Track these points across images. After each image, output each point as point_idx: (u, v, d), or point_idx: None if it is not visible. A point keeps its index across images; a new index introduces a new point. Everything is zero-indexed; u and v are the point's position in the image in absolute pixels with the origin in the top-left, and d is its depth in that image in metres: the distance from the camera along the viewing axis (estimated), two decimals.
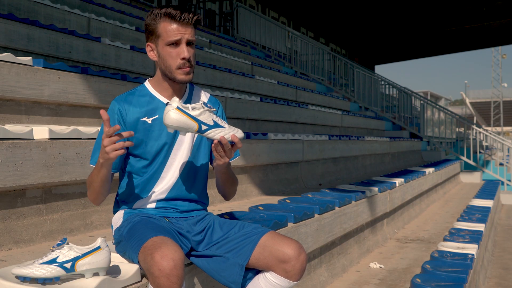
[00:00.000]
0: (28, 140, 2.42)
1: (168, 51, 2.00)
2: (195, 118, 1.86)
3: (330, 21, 20.11)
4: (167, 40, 1.99)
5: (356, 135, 8.79)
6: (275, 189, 4.95)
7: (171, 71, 2.01)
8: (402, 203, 5.86)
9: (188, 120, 1.86)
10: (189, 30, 1.99)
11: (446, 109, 16.29)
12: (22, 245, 2.37)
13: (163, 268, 1.66)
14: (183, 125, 1.86)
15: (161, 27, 2.00)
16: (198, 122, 1.87)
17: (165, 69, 2.03)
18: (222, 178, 2.12)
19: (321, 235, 3.47)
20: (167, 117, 1.85)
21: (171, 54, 1.99)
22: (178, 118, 1.85)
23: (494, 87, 57.31)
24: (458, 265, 3.48)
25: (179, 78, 2.01)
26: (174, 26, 1.98)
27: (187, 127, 1.86)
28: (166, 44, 1.99)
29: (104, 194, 2.04)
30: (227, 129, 1.91)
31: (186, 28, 1.99)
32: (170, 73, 2.02)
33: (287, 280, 1.96)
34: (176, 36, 1.98)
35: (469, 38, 23.67)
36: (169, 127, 1.87)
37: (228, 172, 2.11)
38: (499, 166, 12.60)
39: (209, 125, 1.88)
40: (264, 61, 10.95)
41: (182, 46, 1.99)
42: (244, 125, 5.92)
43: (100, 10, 6.52)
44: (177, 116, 1.85)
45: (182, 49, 1.98)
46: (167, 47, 2.00)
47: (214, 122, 1.89)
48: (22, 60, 3.15)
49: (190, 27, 2.00)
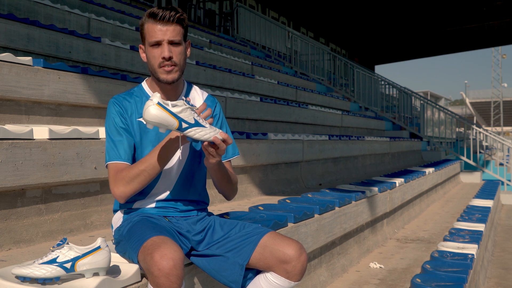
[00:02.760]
0: (28, 140, 2.42)
1: (152, 52, 2.00)
2: (176, 115, 1.80)
3: (330, 21, 20.11)
4: (149, 40, 1.99)
5: (356, 135, 8.79)
6: (275, 189, 4.94)
7: (155, 71, 2.01)
8: (402, 203, 5.86)
9: (168, 117, 1.80)
10: (171, 28, 1.97)
11: (446, 109, 16.29)
12: (22, 245, 2.37)
13: (162, 268, 1.65)
14: (163, 122, 1.80)
15: (146, 28, 2.00)
16: (178, 120, 1.81)
17: (151, 70, 2.03)
18: (216, 176, 2.10)
19: (321, 235, 3.47)
20: (146, 112, 1.79)
21: (154, 54, 1.99)
22: (158, 114, 1.79)
23: (494, 87, 57.34)
24: (458, 265, 3.48)
25: (161, 77, 2.00)
26: (156, 26, 1.97)
27: (167, 123, 1.80)
28: (150, 45, 1.99)
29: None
30: (208, 128, 1.85)
31: (167, 28, 1.96)
32: (155, 73, 2.02)
33: (287, 280, 1.96)
34: (158, 36, 1.96)
35: (469, 38, 23.67)
36: (149, 122, 1.81)
37: (221, 170, 2.08)
38: (499, 166, 12.60)
39: (190, 123, 1.82)
40: (264, 61, 10.95)
41: (163, 46, 1.97)
42: (244, 125, 5.92)
43: (100, 10, 6.52)
44: (157, 112, 1.79)
45: (163, 49, 1.97)
46: (150, 48, 2.00)
47: (195, 121, 1.84)
48: (22, 60, 3.15)
49: (172, 26, 1.97)
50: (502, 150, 14.74)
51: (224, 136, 1.87)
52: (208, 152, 1.90)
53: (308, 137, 5.82)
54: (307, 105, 8.07)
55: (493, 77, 56.97)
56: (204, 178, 2.19)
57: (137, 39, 6.22)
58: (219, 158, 1.94)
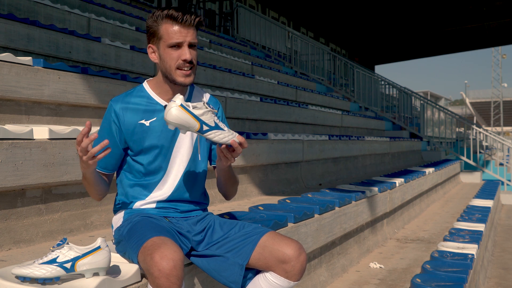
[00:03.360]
0: (28, 140, 2.42)
1: (169, 53, 1.99)
2: (198, 117, 1.84)
3: (330, 21, 20.11)
4: (169, 42, 1.98)
5: (356, 135, 8.79)
6: (275, 189, 4.94)
7: (171, 72, 2.00)
8: (402, 203, 5.86)
9: (190, 119, 1.83)
10: (191, 32, 1.98)
11: (446, 109, 16.29)
12: (22, 245, 2.37)
13: (162, 269, 1.66)
14: (185, 123, 1.83)
15: (163, 29, 1.99)
16: (200, 122, 1.84)
17: (166, 71, 2.02)
18: (224, 177, 2.12)
19: (321, 235, 3.47)
20: (169, 114, 1.82)
21: (172, 56, 1.99)
22: (181, 115, 1.82)
23: (494, 87, 57.31)
24: (458, 265, 3.48)
25: (179, 80, 2.00)
26: (176, 28, 1.97)
27: (188, 125, 1.84)
28: (168, 46, 1.98)
29: (102, 193, 2.06)
30: (226, 132, 1.89)
31: (188, 30, 1.98)
32: (170, 75, 2.01)
33: (287, 280, 1.96)
34: (178, 38, 1.97)
35: (469, 38, 23.67)
36: (170, 124, 1.84)
37: (230, 172, 2.11)
38: (499, 166, 12.61)
39: (211, 126, 1.86)
40: (264, 61, 10.95)
41: (184, 48, 1.98)
42: (244, 125, 5.92)
43: (100, 10, 6.52)
44: (179, 114, 1.82)
45: (184, 51, 1.98)
46: (168, 49, 1.99)
47: (215, 124, 1.87)
48: (22, 60, 3.15)
49: (192, 29, 1.99)
50: (502, 150, 14.75)
51: (241, 140, 1.90)
52: (223, 155, 1.93)
53: (308, 137, 5.82)
54: (307, 105, 8.07)
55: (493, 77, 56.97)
56: (204, 179, 2.20)
57: (137, 39, 6.22)
58: (233, 160, 1.96)
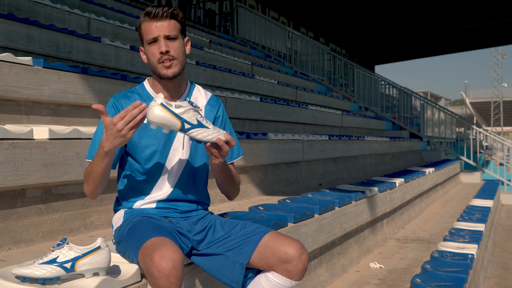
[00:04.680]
0: (28, 140, 2.42)
1: (150, 50, 2.01)
2: (178, 116, 1.84)
3: (330, 21, 20.12)
4: (147, 38, 2.00)
5: (356, 135, 8.79)
6: (275, 189, 4.94)
7: (156, 68, 2.02)
8: (402, 203, 5.86)
9: (171, 118, 1.83)
10: (165, 25, 1.98)
11: (446, 109, 16.29)
12: (22, 245, 2.37)
13: (162, 269, 1.65)
14: (166, 122, 1.84)
15: (142, 28, 2.02)
16: (181, 120, 1.84)
17: (152, 68, 2.04)
18: (220, 177, 2.11)
19: (321, 235, 3.47)
20: (150, 113, 1.83)
21: (152, 52, 2.00)
22: (162, 114, 1.83)
23: (494, 87, 57.33)
24: (458, 265, 3.48)
25: (162, 73, 2.01)
26: (152, 24, 1.99)
27: (170, 124, 1.84)
28: (147, 43, 2.01)
29: (103, 186, 2.00)
30: (211, 130, 1.88)
31: (162, 23, 1.98)
32: (156, 70, 2.03)
33: (288, 280, 1.96)
34: (153, 33, 1.98)
35: (469, 38, 23.69)
36: (152, 123, 1.85)
37: (225, 171, 2.09)
38: (499, 166, 12.60)
39: (192, 124, 1.86)
40: (264, 61, 10.95)
41: (160, 41, 1.99)
42: (244, 125, 5.92)
43: (100, 10, 6.52)
44: (160, 113, 1.83)
45: (160, 44, 1.99)
46: (148, 46, 2.01)
47: (198, 122, 1.87)
48: (22, 60, 3.15)
49: (166, 22, 1.99)
50: (502, 150, 14.75)
51: (227, 138, 1.88)
52: (211, 153, 1.92)
53: (308, 137, 5.82)
54: (307, 105, 8.07)
55: (493, 77, 57.00)
56: (205, 179, 2.19)
57: (137, 39, 6.21)
58: (223, 159, 1.95)
